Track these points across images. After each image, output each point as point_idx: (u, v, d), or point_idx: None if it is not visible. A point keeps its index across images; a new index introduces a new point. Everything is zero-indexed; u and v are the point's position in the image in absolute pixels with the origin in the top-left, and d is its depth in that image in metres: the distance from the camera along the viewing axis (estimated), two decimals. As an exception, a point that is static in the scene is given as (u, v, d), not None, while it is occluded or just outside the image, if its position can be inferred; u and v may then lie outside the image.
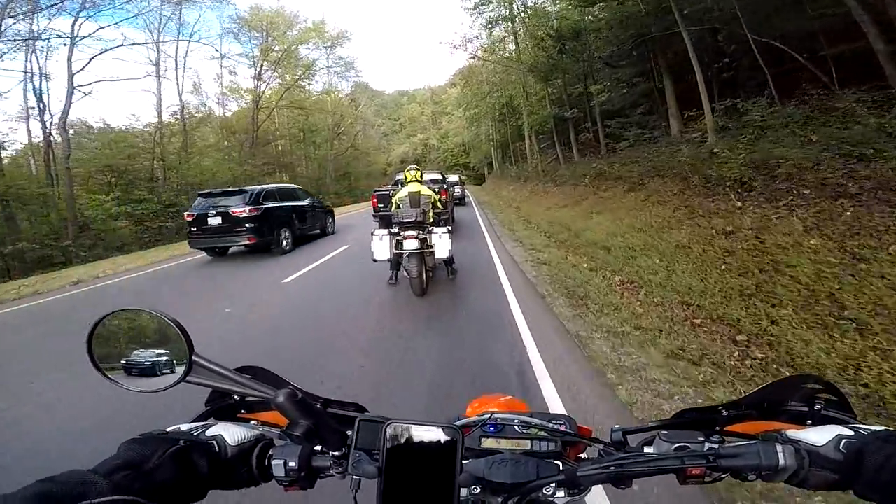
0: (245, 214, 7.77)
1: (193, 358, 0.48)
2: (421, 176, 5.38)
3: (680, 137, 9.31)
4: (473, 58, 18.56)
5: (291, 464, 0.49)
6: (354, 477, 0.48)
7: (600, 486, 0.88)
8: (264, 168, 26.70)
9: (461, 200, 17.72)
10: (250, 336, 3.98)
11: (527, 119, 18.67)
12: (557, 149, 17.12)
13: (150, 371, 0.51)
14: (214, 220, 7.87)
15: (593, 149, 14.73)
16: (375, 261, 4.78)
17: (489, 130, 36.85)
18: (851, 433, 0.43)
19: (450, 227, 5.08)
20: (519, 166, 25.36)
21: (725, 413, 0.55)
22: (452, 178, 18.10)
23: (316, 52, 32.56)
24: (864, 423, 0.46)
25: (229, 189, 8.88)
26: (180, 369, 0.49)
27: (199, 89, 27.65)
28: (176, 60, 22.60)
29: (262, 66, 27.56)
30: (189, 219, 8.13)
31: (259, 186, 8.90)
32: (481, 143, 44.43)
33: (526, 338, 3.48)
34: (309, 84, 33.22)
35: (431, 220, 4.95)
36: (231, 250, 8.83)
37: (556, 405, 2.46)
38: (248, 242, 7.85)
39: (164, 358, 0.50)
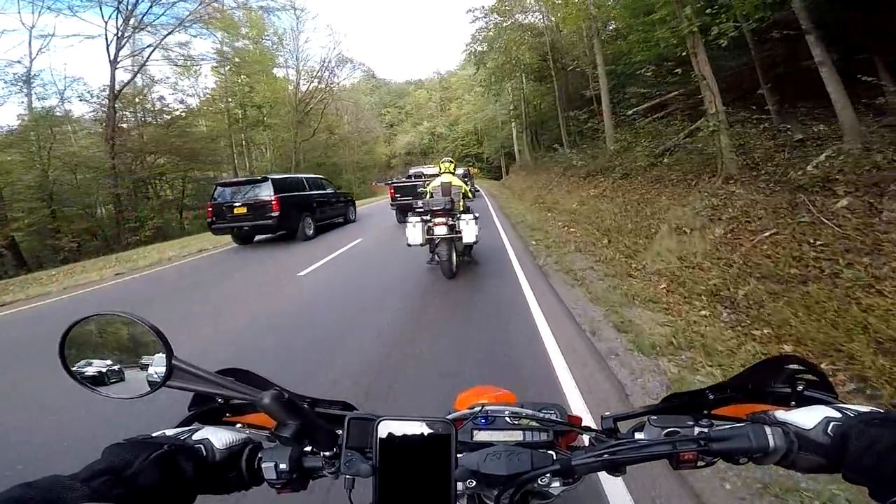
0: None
1: (173, 362, 0.47)
2: (454, 168, 5.80)
3: None
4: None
5: (282, 466, 0.48)
6: (348, 476, 0.47)
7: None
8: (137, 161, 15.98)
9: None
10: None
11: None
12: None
13: (129, 376, 0.49)
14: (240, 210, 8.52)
15: None
16: (409, 245, 4.95)
17: (512, 102, 25.28)
18: (839, 415, 0.42)
19: (477, 215, 4.92)
20: (582, 150, 13.82)
21: (712, 396, 0.54)
22: (458, 171, 13.97)
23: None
24: (847, 403, 0.45)
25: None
26: (160, 374, 0.47)
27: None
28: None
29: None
30: (210, 208, 8.71)
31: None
32: (498, 128, 35.38)
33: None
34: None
35: (461, 208, 5.27)
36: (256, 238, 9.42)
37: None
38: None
39: (143, 363, 0.49)
